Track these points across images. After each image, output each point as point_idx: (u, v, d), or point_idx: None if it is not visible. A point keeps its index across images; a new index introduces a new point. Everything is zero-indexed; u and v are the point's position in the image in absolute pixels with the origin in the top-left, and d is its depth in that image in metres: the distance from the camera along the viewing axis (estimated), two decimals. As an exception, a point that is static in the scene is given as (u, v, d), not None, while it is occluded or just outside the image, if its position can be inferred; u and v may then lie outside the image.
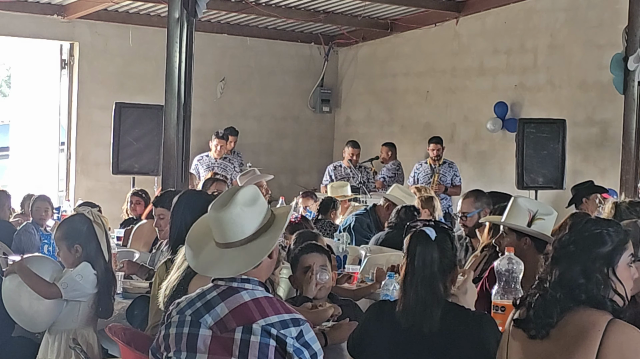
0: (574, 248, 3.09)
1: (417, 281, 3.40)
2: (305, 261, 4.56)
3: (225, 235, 3.23)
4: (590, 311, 3.04)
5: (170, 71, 6.74)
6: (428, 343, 3.37)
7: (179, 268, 4.10)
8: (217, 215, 3.23)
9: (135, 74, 12.06)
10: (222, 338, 3.12)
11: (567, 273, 3.08)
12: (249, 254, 3.21)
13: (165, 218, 5.73)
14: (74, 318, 4.60)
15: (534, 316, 3.07)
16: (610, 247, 3.11)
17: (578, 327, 3.01)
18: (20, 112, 12.98)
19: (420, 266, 3.41)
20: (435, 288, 3.39)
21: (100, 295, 4.62)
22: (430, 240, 3.43)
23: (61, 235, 4.66)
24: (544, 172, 10.08)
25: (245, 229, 3.22)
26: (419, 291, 3.38)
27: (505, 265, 4.15)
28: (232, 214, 3.21)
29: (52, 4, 11.44)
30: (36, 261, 4.72)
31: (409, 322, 3.38)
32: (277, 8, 11.88)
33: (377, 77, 13.52)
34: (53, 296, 4.50)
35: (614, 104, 9.44)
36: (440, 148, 11.31)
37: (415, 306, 3.38)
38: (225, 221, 3.22)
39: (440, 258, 3.43)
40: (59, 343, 4.58)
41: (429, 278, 3.40)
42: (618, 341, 2.96)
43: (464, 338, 3.35)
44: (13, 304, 4.62)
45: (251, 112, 13.30)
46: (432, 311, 3.36)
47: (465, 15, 12.16)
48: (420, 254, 3.42)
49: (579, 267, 3.07)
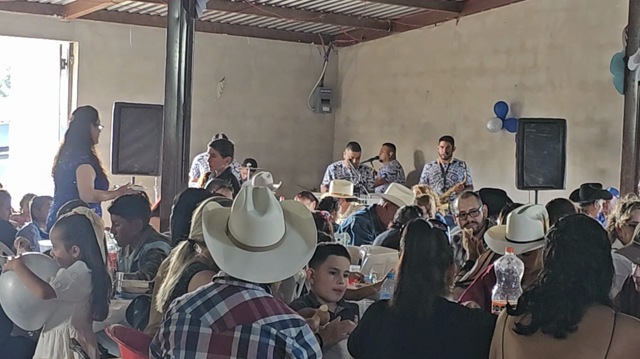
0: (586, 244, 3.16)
1: (413, 266, 3.43)
2: (334, 263, 4.46)
3: (261, 239, 3.22)
4: (596, 307, 3.07)
5: (170, 71, 6.74)
6: (423, 328, 3.38)
7: (176, 272, 4.09)
8: (258, 219, 3.21)
9: (135, 74, 12.05)
10: (222, 336, 3.12)
11: (578, 272, 3.12)
12: (281, 257, 3.22)
13: (121, 225, 5.77)
14: (67, 317, 4.58)
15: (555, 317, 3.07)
16: (609, 249, 3.20)
17: (586, 323, 3.02)
18: (20, 112, 12.97)
19: (417, 252, 3.44)
20: (430, 274, 3.42)
21: (95, 296, 4.58)
22: (428, 228, 3.46)
23: (60, 234, 4.64)
24: (544, 172, 10.07)
25: (277, 233, 3.25)
26: (415, 276, 3.41)
27: (505, 265, 4.14)
28: (271, 218, 3.22)
29: (52, 4, 11.43)
30: (34, 259, 4.70)
31: (404, 306, 3.40)
32: (277, 8, 11.87)
33: (377, 77, 13.52)
34: (48, 296, 4.48)
35: (614, 104, 9.43)
36: (450, 146, 11.34)
37: (410, 290, 3.40)
38: (265, 224, 3.21)
39: (437, 248, 3.46)
40: (53, 342, 4.57)
41: (425, 264, 3.42)
42: (629, 333, 2.98)
43: (459, 326, 3.37)
44: (9, 302, 4.61)
45: (251, 112, 13.29)
46: (427, 296, 3.38)
47: (465, 15, 12.15)
48: (418, 240, 3.45)
49: (594, 264, 3.13)
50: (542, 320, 3.09)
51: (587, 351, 3.00)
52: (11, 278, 4.58)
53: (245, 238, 3.23)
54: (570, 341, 3.03)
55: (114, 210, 5.84)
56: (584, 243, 3.17)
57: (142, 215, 5.87)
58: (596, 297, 3.10)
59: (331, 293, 4.39)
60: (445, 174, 11.21)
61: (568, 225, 3.23)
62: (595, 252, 3.15)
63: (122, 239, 5.84)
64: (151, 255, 5.64)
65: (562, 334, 3.04)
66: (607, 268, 3.16)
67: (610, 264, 3.17)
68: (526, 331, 3.12)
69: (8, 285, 4.59)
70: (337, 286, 4.39)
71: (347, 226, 8.32)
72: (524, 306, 3.17)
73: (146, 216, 5.92)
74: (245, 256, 3.22)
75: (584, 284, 3.10)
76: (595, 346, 2.99)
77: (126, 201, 5.94)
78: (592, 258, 3.14)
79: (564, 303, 3.07)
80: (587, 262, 3.13)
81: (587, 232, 3.20)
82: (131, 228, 5.78)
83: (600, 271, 3.13)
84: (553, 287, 3.12)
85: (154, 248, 5.70)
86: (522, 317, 3.16)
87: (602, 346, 2.97)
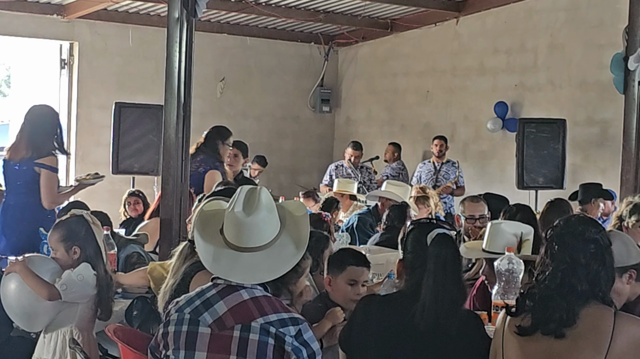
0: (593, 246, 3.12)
1: (447, 283, 3.40)
2: (353, 274, 4.43)
3: (248, 239, 3.21)
4: (596, 306, 3.05)
5: (170, 71, 6.72)
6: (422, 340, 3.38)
7: (175, 273, 4.08)
8: (244, 220, 3.20)
9: (135, 74, 12.05)
10: (221, 336, 3.12)
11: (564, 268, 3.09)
12: (270, 259, 3.21)
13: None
14: (71, 318, 4.59)
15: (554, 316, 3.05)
16: (602, 243, 3.15)
17: (586, 323, 3.01)
18: (20, 112, 12.95)
19: (452, 268, 3.43)
20: (460, 286, 3.44)
21: (100, 297, 4.60)
22: (452, 240, 3.48)
23: (59, 237, 4.64)
24: (544, 172, 10.07)
25: (268, 234, 3.23)
26: (452, 292, 3.39)
27: (505, 265, 4.15)
28: (258, 219, 3.20)
29: (52, 4, 11.43)
30: (37, 261, 4.70)
31: (429, 323, 3.37)
32: (277, 8, 11.87)
33: (377, 77, 13.52)
34: (53, 297, 4.49)
35: (614, 104, 9.42)
36: (444, 145, 11.31)
37: (444, 307, 3.37)
38: (252, 225, 3.20)
39: (459, 257, 3.52)
40: (55, 343, 4.57)
41: (454, 277, 3.43)
42: (629, 332, 2.97)
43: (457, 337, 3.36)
44: (12, 304, 4.61)
45: (251, 112, 13.29)
46: (454, 312, 3.37)
47: (466, 15, 12.15)
48: (448, 255, 3.43)
49: (581, 260, 3.09)
50: (540, 321, 3.08)
51: (588, 351, 2.99)
52: (14, 279, 4.58)
53: (234, 239, 3.23)
54: (570, 341, 3.02)
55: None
56: (570, 238, 3.12)
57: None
58: (591, 294, 3.06)
59: (348, 303, 4.35)
60: (437, 173, 11.21)
61: (558, 224, 3.21)
62: (582, 247, 3.10)
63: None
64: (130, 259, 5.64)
65: (562, 334, 3.03)
66: (597, 263, 3.10)
67: (603, 259, 3.11)
68: (527, 332, 3.10)
69: (11, 286, 4.58)
70: (354, 297, 4.34)
71: (349, 225, 8.34)
72: (523, 307, 3.16)
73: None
74: (233, 256, 3.21)
75: (571, 280, 3.07)
76: (595, 346, 2.98)
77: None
78: (578, 253, 3.10)
79: (556, 303, 3.05)
80: (573, 257, 3.09)
81: (574, 228, 3.15)
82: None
83: (589, 265, 3.08)
84: (545, 286, 3.11)
85: (128, 253, 5.72)
86: (522, 318, 3.15)
87: (603, 345, 2.96)
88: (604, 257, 3.13)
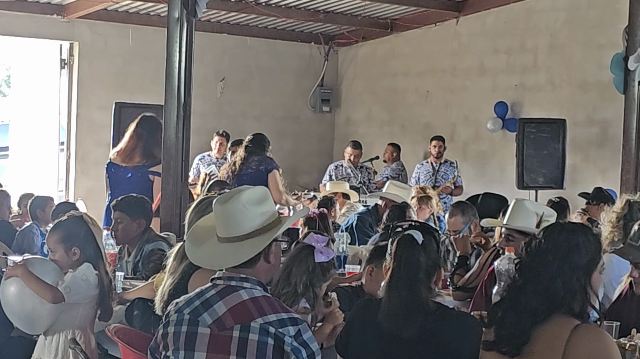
0: (551, 257, 2.98)
1: (401, 286, 3.41)
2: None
3: (226, 229, 3.25)
4: (557, 320, 2.95)
5: (170, 71, 6.73)
6: (407, 349, 3.38)
7: (173, 273, 4.08)
8: (220, 208, 3.27)
9: (135, 74, 12.05)
10: (221, 336, 3.12)
11: (544, 283, 2.97)
12: (242, 250, 3.22)
13: (124, 223, 5.77)
14: (73, 319, 4.58)
15: (507, 334, 2.97)
16: (587, 258, 3.02)
17: (544, 340, 2.93)
18: (20, 112, 12.97)
19: (406, 271, 3.42)
20: (418, 293, 3.40)
21: (101, 297, 4.60)
22: (416, 244, 3.44)
23: (59, 238, 4.63)
24: (544, 172, 10.08)
25: (246, 226, 3.23)
26: (402, 295, 3.40)
27: (505, 265, 4.15)
28: (234, 208, 3.23)
29: (52, 4, 11.43)
30: (38, 263, 4.68)
31: (391, 327, 3.39)
32: (277, 8, 11.87)
33: (377, 77, 13.51)
34: (57, 300, 4.47)
35: (614, 104, 9.42)
36: (442, 145, 11.30)
37: (398, 311, 3.39)
38: (227, 214, 3.24)
39: (426, 262, 3.45)
40: (57, 343, 4.56)
41: (413, 283, 3.41)
42: (583, 345, 2.89)
43: (445, 343, 3.35)
44: (14, 308, 4.58)
45: (251, 112, 13.29)
46: (414, 316, 3.36)
47: (465, 15, 12.15)
48: (406, 258, 3.44)
49: (559, 278, 2.96)
50: (499, 337, 2.99)
51: None
52: (14, 282, 4.55)
53: (217, 228, 3.29)
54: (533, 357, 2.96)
55: (118, 207, 5.85)
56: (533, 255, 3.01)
57: (146, 216, 5.88)
58: (551, 310, 2.93)
59: None
60: (436, 173, 11.20)
61: (538, 234, 3.10)
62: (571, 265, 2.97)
63: (122, 238, 5.83)
64: (153, 256, 5.63)
65: (517, 352, 2.94)
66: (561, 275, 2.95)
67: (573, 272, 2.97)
68: (489, 347, 3.04)
69: (11, 289, 4.56)
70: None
71: (349, 225, 8.34)
72: (494, 318, 3.07)
73: (149, 218, 5.93)
74: (213, 243, 3.29)
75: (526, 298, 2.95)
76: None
77: (132, 200, 5.95)
78: (540, 268, 2.97)
79: (510, 320, 2.96)
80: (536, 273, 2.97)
81: (553, 239, 3.02)
82: (133, 227, 5.79)
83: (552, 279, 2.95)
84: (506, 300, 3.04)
85: (155, 248, 5.71)
86: (489, 332, 3.06)
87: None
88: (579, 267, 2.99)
